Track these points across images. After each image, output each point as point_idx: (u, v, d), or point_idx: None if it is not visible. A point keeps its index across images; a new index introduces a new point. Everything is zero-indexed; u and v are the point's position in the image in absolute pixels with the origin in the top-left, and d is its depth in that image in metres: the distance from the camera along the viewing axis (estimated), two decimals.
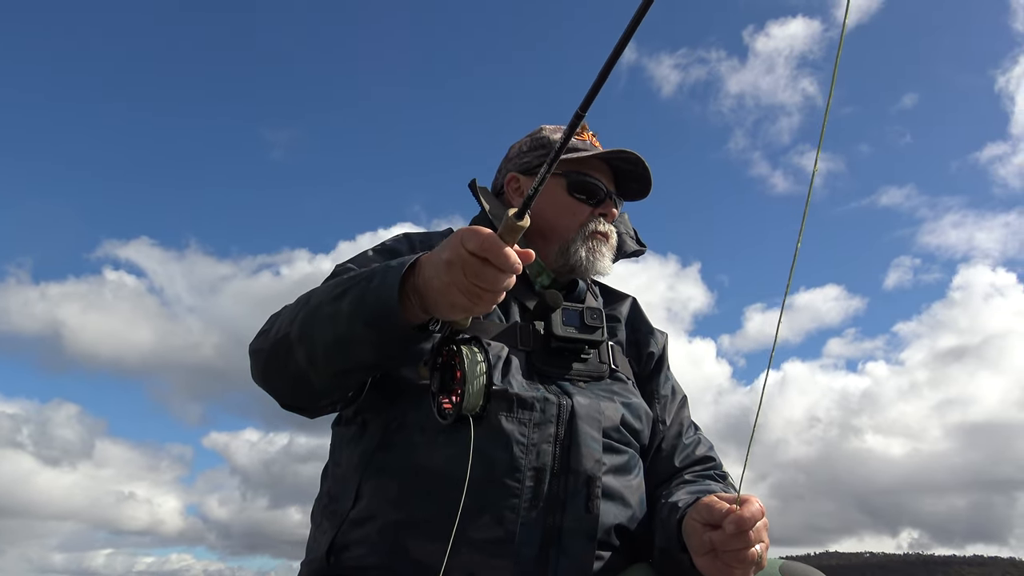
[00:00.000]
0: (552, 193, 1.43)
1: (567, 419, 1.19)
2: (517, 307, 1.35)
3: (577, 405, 1.21)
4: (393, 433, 1.20)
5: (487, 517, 1.12)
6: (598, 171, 1.45)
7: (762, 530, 1.04)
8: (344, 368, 1.12)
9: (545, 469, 1.15)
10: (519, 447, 1.15)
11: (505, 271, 0.93)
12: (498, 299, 0.96)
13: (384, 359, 1.12)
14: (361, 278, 1.08)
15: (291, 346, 1.13)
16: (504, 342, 1.27)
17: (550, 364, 1.29)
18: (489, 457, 1.14)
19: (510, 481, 1.14)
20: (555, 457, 1.17)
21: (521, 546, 1.12)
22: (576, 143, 1.43)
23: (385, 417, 1.23)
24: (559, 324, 1.30)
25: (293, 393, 1.19)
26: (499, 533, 1.12)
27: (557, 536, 1.14)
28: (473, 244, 0.91)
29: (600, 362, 1.34)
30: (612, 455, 1.24)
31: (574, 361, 1.31)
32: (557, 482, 1.16)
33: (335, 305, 1.08)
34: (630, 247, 1.56)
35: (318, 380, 1.13)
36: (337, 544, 1.19)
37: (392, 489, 1.08)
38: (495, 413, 1.16)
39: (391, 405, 1.23)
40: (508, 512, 1.13)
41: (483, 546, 1.11)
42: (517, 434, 1.16)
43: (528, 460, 1.15)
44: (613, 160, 1.45)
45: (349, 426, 1.31)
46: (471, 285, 0.94)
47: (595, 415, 1.23)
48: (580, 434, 1.19)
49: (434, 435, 1.16)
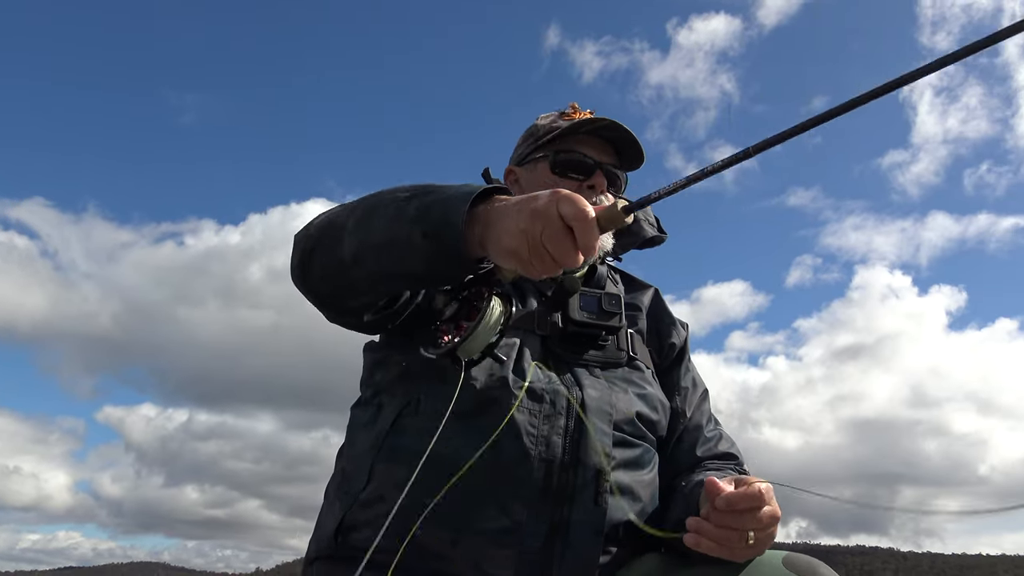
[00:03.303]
0: (538, 176, 1.43)
1: (576, 413, 1.18)
2: (535, 295, 1.34)
3: (588, 398, 1.20)
4: (407, 417, 1.21)
5: (493, 508, 1.13)
6: (586, 145, 1.43)
7: (755, 515, 1.04)
8: (389, 272, 1.09)
9: (555, 461, 1.15)
10: (529, 438, 1.15)
11: (581, 251, 0.91)
12: (553, 273, 0.94)
13: (430, 276, 1.08)
14: (434, 188, 1.05)
15: (343, 235, 1.10)
16: (521, 326, 1.26)
17: (566, 349, 1.28)
18: (499, 446, 1.13)
19: (519, 471, 1.14)
20: (564, 450, 1.16)
21: (527, 537, 1.12)
22: (562, 123, 1.43)
23: (400, 400, 1.23)
24: (576, 309, 1.29)
25: (326, 280, 1.17)
26: (505, 523, 1.12)
27: (564, 529, 1.14)
28: (568, 210, 0.89)
29: (619, 349, 1.32)
30: (624, 449, 1.23)
31: (591, 347, 1.30)
32: (566, 475, 1.15)
33: (400, 206, 1.04)
34: (647, 232, 1.52)
35: (358, 276, 1.12)
36: (345, 524, 1.20)
37: (402, 473, 1.06)
38: (505, 401, 1.16)
39: (408, 389, 1.23)
40: (516, 503, 1.13)
41: (489, 535, 1.12)
42: (528, 425, 1.16)
43: (537, 451, 1.15)
44: (601, 131, 1.42)
45: (366, 408, 1.31)
46: (540, 245, 0.91)
47: (606, 408, 1.22)
48: (590, 427, 1.18)
49: (448, 423, 1.14)
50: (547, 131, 1.45)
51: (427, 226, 1.00)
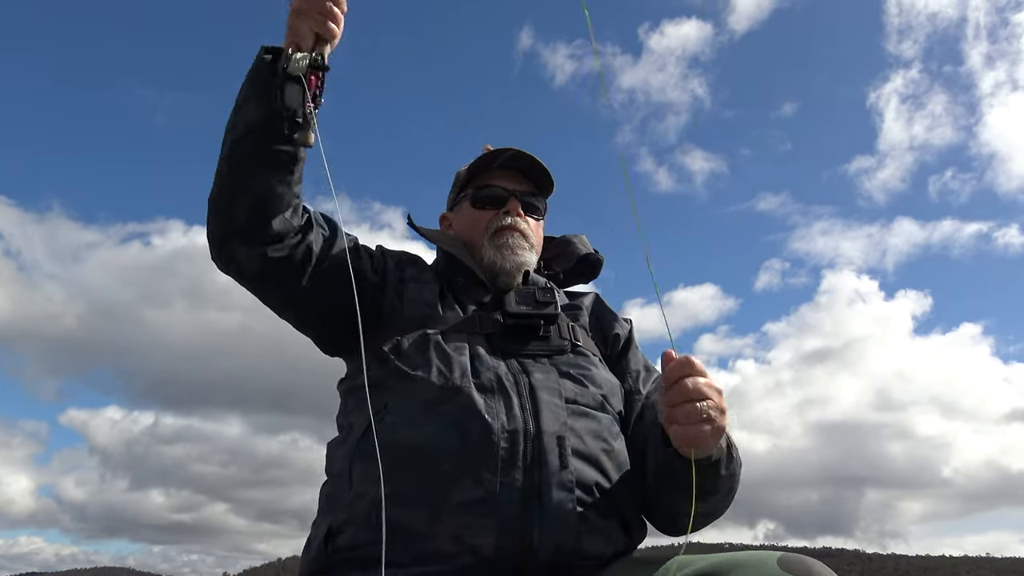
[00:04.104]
0: (463, 214, 1.57)
1: (528, 392, 1.25)
2: (474, 305, 1.42)
3: (535, 380, 1.28)
4: (377, 423, 1.23)
5: (467, 481, 1.16)
6: (500, 179, 1.54)
7: (705, 388, 1.08)
8: (241, 136, 1.23)
9: (517, 431, 1.20)
10: (490, 415, 1.20)
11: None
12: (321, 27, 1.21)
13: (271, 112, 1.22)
14: None
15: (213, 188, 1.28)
16: (464, 329, 1.34)
17: (509, 342, 1.35)
18: (463, 426, 1.19)
19: (485, 444, 1.18)
20: (525, 421, 1.21)
21: (503, 504, 1.15)
22: (480, 163, 1.55)
23: (367, 413, 1.25)
24: (512, 303, 1.38)
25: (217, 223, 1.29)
26: (480, 494, 1.15)
27: (537, 493, 1.17)
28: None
29: (561, 338, 1.39)
30: (582, 419, 1.27)
31: (533, 338, 1.37)
32: (530, 443, 1.19)
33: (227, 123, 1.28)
34: (580, 251, 1.64)
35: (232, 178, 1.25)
36: (333, 530, 1.23)
37: (377, 469, 1.10)
38: (466, 389, 1.23)
39: (375, 401, 1.26)
40: (487, 473, 1.16)
41: (466, 508, 1.15)
42: (486, 406, 1.21)
43: (499, 424, 1.19)
44: (512, 163, 1.54)
45: (341, 432, 1.37)
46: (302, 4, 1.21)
47: (554, 386, 1.28)
48: (542, 402, 1.24)
49: (415, 414, 1.23)
50: (466, 173, 1.59)
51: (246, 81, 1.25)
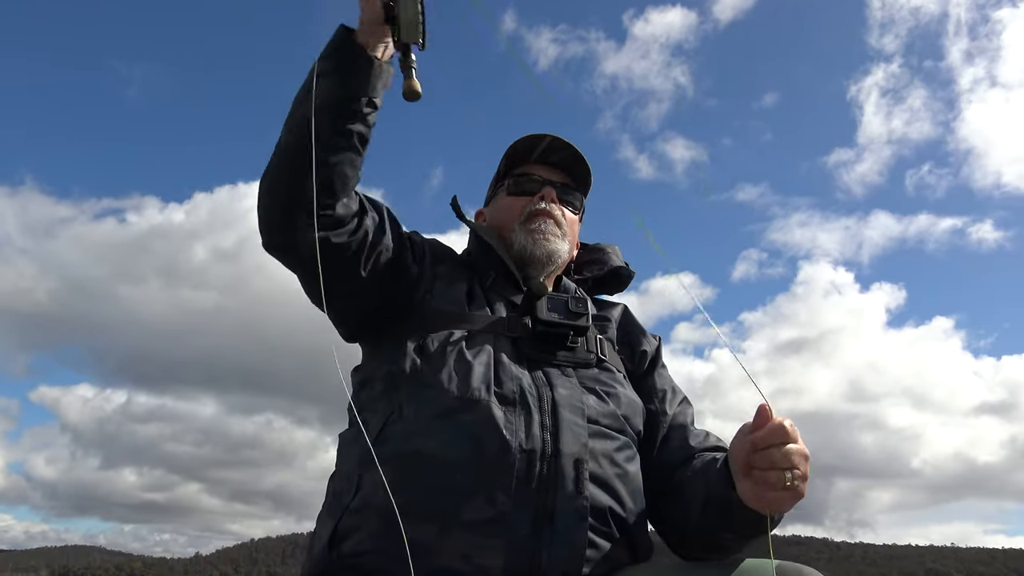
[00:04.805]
0: (499, 202, 1.57)
1: (550, 409, 1.23)
2: (504, 304, 1.40)
3: (558, 396, 1.24)
4: (391, 426, 1.23)
5: (480, 498, 1.14)
6: (539, 169, 1.54)
7: (796, 457, 1.03)
8: (318, 110, 1.18)
9: (535, 451, 1.17)
10: (508, 431, 1.17)
11: None
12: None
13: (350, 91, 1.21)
14: None
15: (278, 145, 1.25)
16: (492, 331, 1.32)
17: (536, 349, 1.32)
18: (479, 439, 1.16)
19: (501, 463, 1.15)
20: (544, 441, 1.18)
21: (514, 525, 1.13)
22: (518, 152, 1.55)
23: (384, 413, 1.26)
24: (544, 309, 1.34)
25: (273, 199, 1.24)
26: (491, 513, 1.13)
27: (550, 516, 1.14)
28: None
29: (588, 351, 1.36)
30: (601, 440, 1.25)
31: (561, 348, 1.34)
32: (547, 464, 1.17)
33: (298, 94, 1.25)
34: (614, 262, 1.63)
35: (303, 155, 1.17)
36: (338, 534, 1.20)
37: (388, 476, 1.09)
38: (484, 400, 1.20)
39: (391, 399, 1.26)
40: (500, 493, 1.14)
41: (476, 527, 1.13)
42: (506, 420, 1.19)
43: (517, 442, 1.17)
44: (549, 158, 1.54)
45: (352, 428, 1.34)
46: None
47: (577, 404, 1.25)
48: (564, 420, 1.21)
49: (429, 421, 1.20)
50: (504, 164, 1.58)
51: (323, 55, 1.23)
